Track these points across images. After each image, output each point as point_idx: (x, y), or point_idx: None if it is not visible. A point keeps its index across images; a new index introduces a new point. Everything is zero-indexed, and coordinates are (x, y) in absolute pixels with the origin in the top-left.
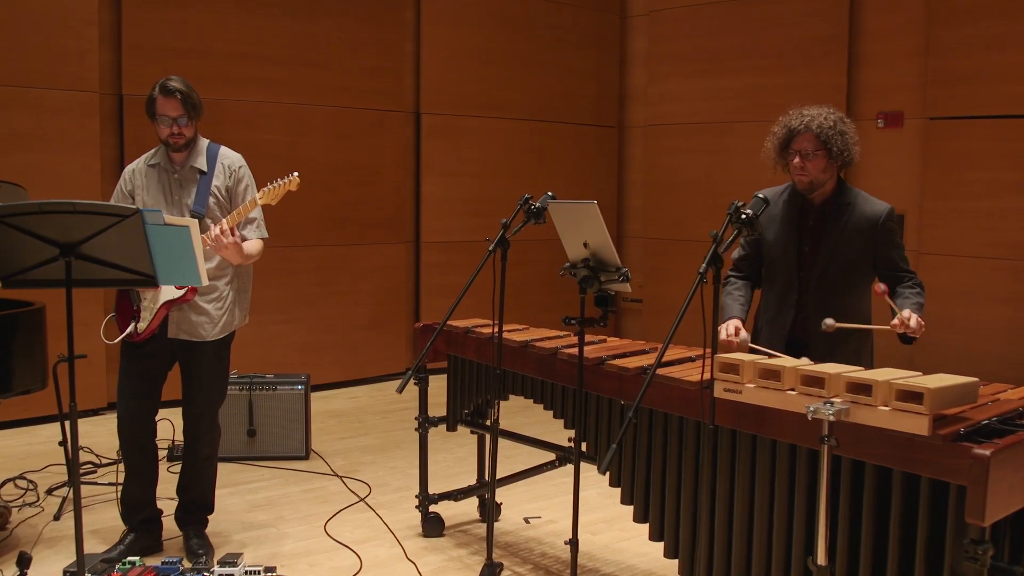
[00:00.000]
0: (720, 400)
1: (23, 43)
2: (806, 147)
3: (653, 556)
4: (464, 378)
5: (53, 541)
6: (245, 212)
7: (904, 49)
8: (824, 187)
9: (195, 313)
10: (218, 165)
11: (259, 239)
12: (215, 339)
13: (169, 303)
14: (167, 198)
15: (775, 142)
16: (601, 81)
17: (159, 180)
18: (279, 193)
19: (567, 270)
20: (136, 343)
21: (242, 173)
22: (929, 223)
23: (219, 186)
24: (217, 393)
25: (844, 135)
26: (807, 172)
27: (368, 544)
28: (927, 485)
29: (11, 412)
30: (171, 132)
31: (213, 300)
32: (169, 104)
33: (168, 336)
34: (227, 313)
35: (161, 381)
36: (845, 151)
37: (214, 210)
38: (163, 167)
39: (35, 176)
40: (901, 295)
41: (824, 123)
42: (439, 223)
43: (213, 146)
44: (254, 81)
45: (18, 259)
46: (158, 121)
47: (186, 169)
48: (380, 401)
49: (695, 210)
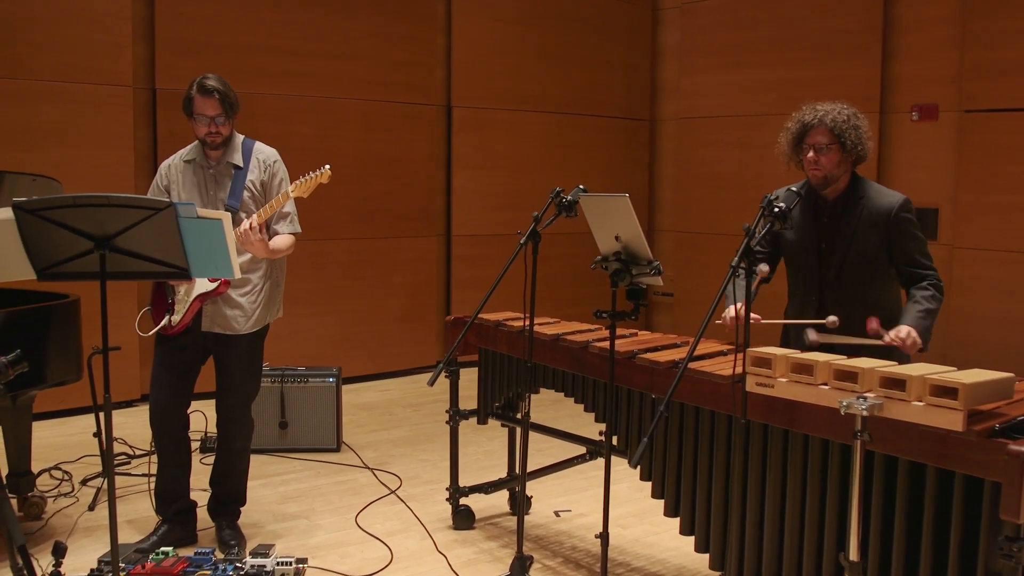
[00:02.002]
0: (752, 394)
1: (57, 38)
2: (820, 141)
3: (684, 550)
4: (495, 371)
5: (88, 531)
6: (278, 205)
7: (939, 41)
8: (838, 183)
9: (229, 307)
10: (253, 160)
11: (289, 234)
12: (248, 332)
13: (203, 296)
14: (202, 194)
15: (789, 137)
16: (633, 74)
17: (195, 175)
18: (311, 186)
19: (598, 263)
20: (170, 335)
21: (276, 168)
22: (964, 217)
23: (254, 180)
24: (251, 387)
25: (858, 129)
26: (821, 166)
27: (399, 536)
28: (961, 481)
29: (47, 403)
30: (209, 131)
31: (247, 293)
32: (208, 103)
33: (202, 330)
34: (260, 307)
35: (195, 374)
36: (859, 145)
37: (248, 204)
38: (199, 163)
39: (69, 170)
40: (910, 301)
41: (838, 117)
42: (470, 216)
43: (248, 141)
44: (286, 75)
45: (53, 252)
46: (196, 120)
47: (222, 165)
48: (411, 394)
49: (727, 204)
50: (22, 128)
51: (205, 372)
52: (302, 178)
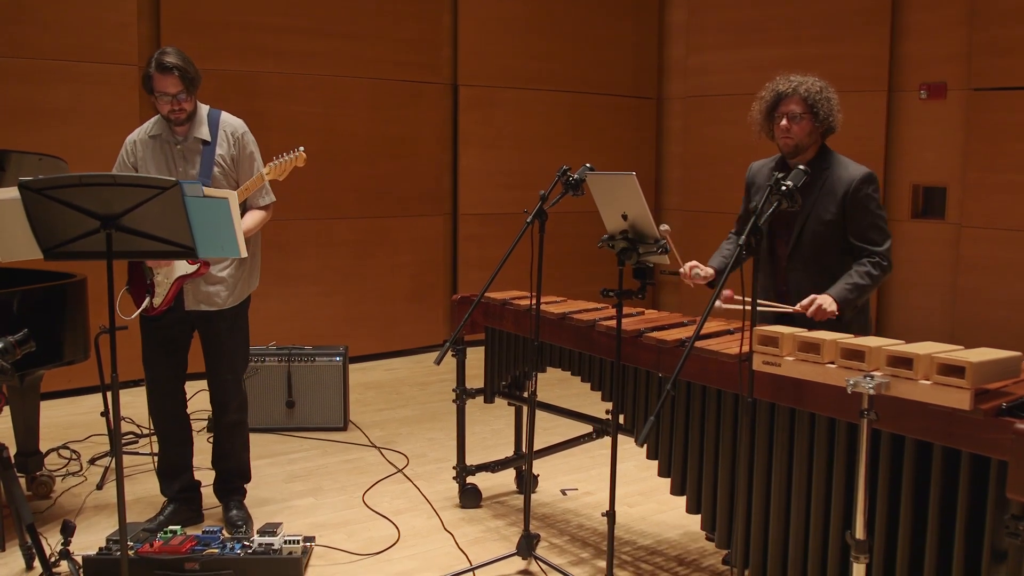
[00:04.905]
0: (758, 373)
1: (62, 17)
2: (794, 110)
3: (690, 528)
4: (502, 350)
5: (96, 510)
6: (252, 188)
7: (948, 19)
8: (807, 152)
9: (209, 284)
10: (220, 133)
11: (259, 210)
12: (232, 306)
13: (183, 278)
14: (171, 170)
15: (762, 106)
16: (640, 52)
17: (161, 151)
18: (285, 168)
19: (605, 242)
20: (153, 316)
21: (246, 140)
22: (972, 196)
23: (223, 155)
24: (240, 359)
25: (830, 101)
26: (793, 135)
27: (406, 515)
28: (967, 460)
29: (54, 383)
30: (172, 108)
31: (226, 267)
32: (167, 81)
33: (186, 309)
34: (241, 280)
35: (184, 350)
36: (830, 116)
37: (219, 180)
38: (165, 139)
39: (75, 149)
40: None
41: (811, 88)
42: (477, 195)
43: (214, 112)
44: (292, 54)
45: (59, 231)
46: (157, 98)
47: (189, 140)
48: (418, 373)
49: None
50: (28, 107)
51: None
52: (276, 160)
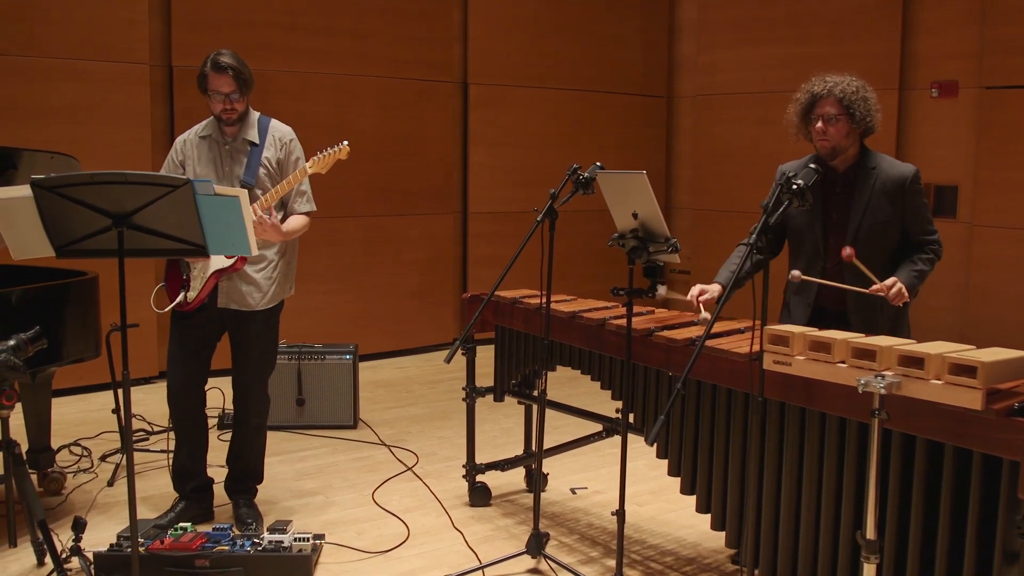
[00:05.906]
0: (769, 372)
1: (73, 15)
2: (829, 111)
3: (700, 528)
4: (511, 349)
5: (107, 507)
6: (295, 181)
7: (959, 17)
8: (846, 153)
9: (244, 283)
10: (269, 137)
11: (302, 215)
12: (264, 308)
13: (219, 272)
14: (218, 169)
15: (798, 108)
16: (650, 50)
17: (210, 151)
18: (329, 162)
19: (615, 240)
20: (186, 312)
21: (293, 146)
22: (983, 195)
23: (269, 157)
24: (266, 363)
25: (867, 101)
26: (829, 137)
27: (415, 513)
28: (979, 460)
29: (66, 380)
30: (224, 108)
31: (262, 269)
32: (222, 80)
33: (218, 306)
34: (276, 283)
35: (211, 351)
36: (867, 116)
37: (264, 181)
38: (215, 139)
39: (86, 147)
40: (907, 261)
41: (847, 88)
42: (487, 193)
43: (264, 119)
44: (302, 52)
45: (71, 229)
46: (210, 97)
47: (238, 141)
48: (427, 371)
49: (745, 181)
50: (39, 106)
51: (222, 349)
52: (320, 154)
